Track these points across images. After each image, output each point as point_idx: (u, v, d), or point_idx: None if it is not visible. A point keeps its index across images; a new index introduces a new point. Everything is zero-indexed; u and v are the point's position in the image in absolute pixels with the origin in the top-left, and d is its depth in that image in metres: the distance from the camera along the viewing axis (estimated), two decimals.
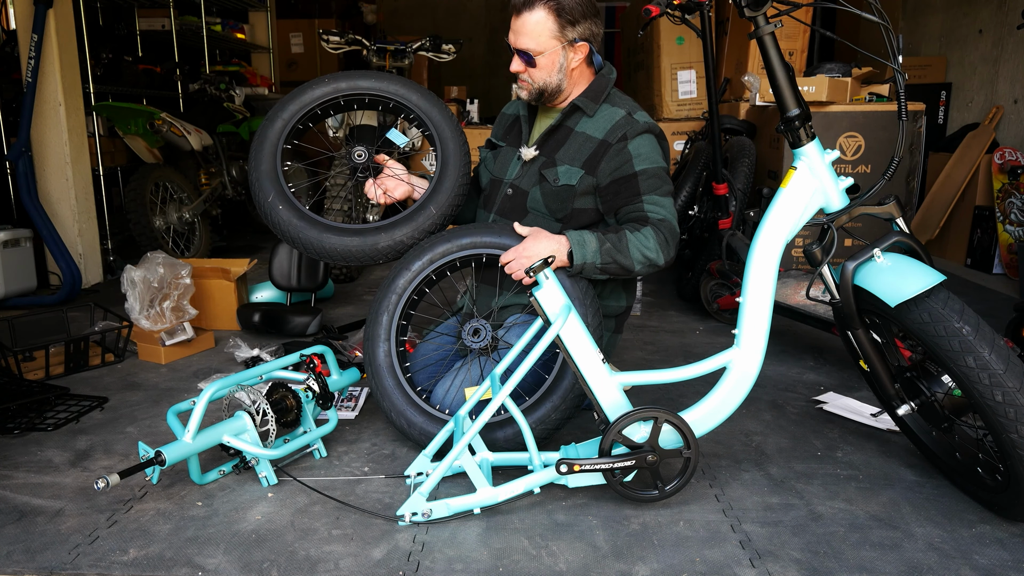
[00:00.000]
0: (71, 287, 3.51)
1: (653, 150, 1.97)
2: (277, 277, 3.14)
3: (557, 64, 1.96)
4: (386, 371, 1.94)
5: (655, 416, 1.66)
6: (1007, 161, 4.12)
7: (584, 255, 1.85)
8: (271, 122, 2.18)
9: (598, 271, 1.87)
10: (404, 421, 1.91)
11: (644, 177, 1.95)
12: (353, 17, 7.04)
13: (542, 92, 2.01)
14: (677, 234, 1.94)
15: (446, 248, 1.97)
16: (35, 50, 3.46)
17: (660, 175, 1.97)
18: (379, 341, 1.96)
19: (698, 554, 1.53)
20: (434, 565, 1.49)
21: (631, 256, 1.86)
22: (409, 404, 1.92)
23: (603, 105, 2.01)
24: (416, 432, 1.90)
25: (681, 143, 4.54)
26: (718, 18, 4.60)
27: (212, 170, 4.54)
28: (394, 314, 1.97)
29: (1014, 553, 1.53)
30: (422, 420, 1.89)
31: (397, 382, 1.93)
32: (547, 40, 1.93)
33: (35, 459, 1.94)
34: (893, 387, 1.79)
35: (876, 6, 1.64)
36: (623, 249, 1.86)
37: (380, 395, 1.94)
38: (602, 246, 1.85)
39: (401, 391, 1.93)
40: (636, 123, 1.97)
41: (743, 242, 2.94)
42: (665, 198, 1.96)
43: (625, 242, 1.86)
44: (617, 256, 1.85)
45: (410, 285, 1.98)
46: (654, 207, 1.94)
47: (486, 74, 8.68)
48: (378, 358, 1.95)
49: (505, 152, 2.17)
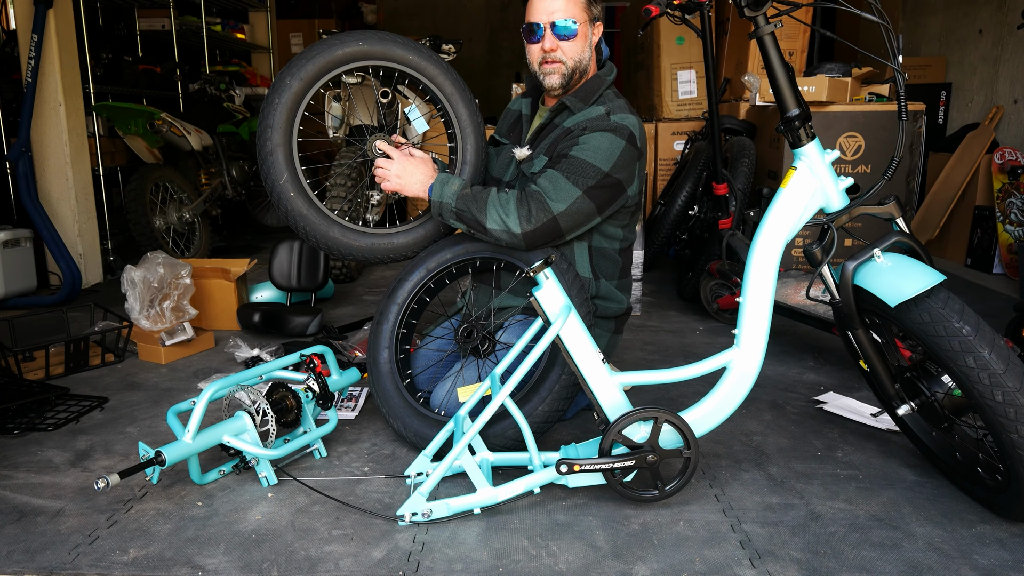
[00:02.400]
0: (71, 287, 3.51)
1: (604, 148, 1.88)
2: (277, 277, 3.14)
3: (587, 38, 2.00)
4: (386, 377, 2.01)
5: (655, 416, 1.66)
6: (1007, 161, 4.12)
7: (442, 193, 1.89)
8: (284, 85, 1.87)
9: (453, 215, 1.90)
10: (400, 424, 1.96)
11: (567, 161, 1.89)
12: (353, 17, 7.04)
13: (574, 71, 2.00)
14: (548, 212, 1.84)
15: (440, 258, 2.04)
16: (35, 50, 3.46)
17: (584, 167, 1.87)
18: (381, 348, 2.04)
19: (698, 554, 1.53)
20: (434, 565, 1.49)
21: (487, 212, 1.85)
22: (406, 407, 1.97)
23: (591, 106, 2.01)
24: (412, 434, 1.94)
25: (681, 143, 4.54)
26: (718, 18, 4.60)
27: (212, 170, 4.54)
28: (395, 324, 2.05)
29: (1014, 553, 1.53)
30: (418, 423, 1.94)
31: (396, 387, 2.00)
32: (580, 11, 1.96)
33: (35, 459, 1.94)
34: (893, 387, 1.79)
35: (876, 6, 1.64)
36: (480, 203, 1.86)
37: (379, 399, 2.01)
38: (461, 191, 1.89)
39: (400, 395, 1.98)
40: (605, 120, 1.93)
41: (743, 242, 2.94)
42: (567, 182, 1.86)
43: (485, 196, 1.87)
44: (472, 206, 1.87)
45: (410, 296, 2.06)
46: (544, 182, 1.87)
47: (486, 74, 8.68)
48: (380, 364, 2.02)
49: (506, 151, 2.19)
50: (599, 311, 2.09)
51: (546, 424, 1.89)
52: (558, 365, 1.89)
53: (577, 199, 1.87)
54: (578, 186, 1.87)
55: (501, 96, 7.91)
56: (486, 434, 1.85)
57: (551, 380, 1.88)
